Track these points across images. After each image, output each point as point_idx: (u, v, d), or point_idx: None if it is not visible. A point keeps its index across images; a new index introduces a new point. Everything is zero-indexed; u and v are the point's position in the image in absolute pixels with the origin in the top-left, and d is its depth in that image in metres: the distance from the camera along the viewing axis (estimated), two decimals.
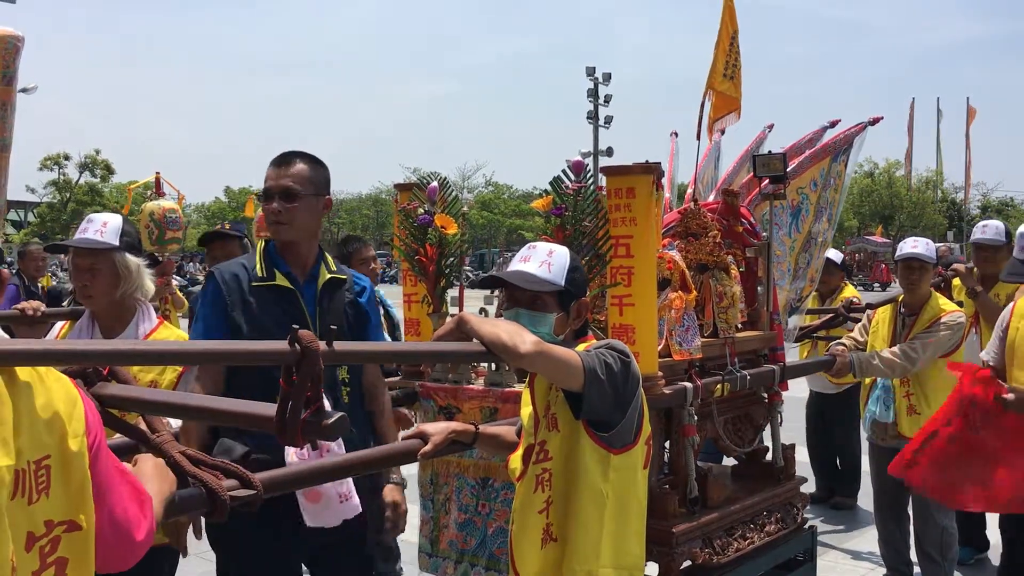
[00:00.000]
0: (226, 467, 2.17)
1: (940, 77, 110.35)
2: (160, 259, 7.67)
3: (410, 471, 4.34)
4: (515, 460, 2.50)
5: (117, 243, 3.07)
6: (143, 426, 2.22)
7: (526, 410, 2.50)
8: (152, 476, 1.84)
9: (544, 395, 2.43)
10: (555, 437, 2.41)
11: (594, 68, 40.17)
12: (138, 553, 1.67)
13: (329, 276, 3.11)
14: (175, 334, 3.24)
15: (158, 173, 8.29)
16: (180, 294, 7.22)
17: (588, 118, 40.49)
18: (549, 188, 3.52)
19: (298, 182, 3.03)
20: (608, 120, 40.71)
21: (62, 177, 46.65)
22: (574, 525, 2.36)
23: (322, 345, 1.85)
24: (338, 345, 1.91)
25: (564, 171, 3.51)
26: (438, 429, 2.66)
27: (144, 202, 6.91)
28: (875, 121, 5.11)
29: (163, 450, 2.13)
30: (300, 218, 3.04)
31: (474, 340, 2.30)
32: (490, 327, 2.26)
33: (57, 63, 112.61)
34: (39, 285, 7.80)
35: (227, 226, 5.15)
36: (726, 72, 4.56)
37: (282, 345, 1.81)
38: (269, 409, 1.86)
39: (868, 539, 5.79)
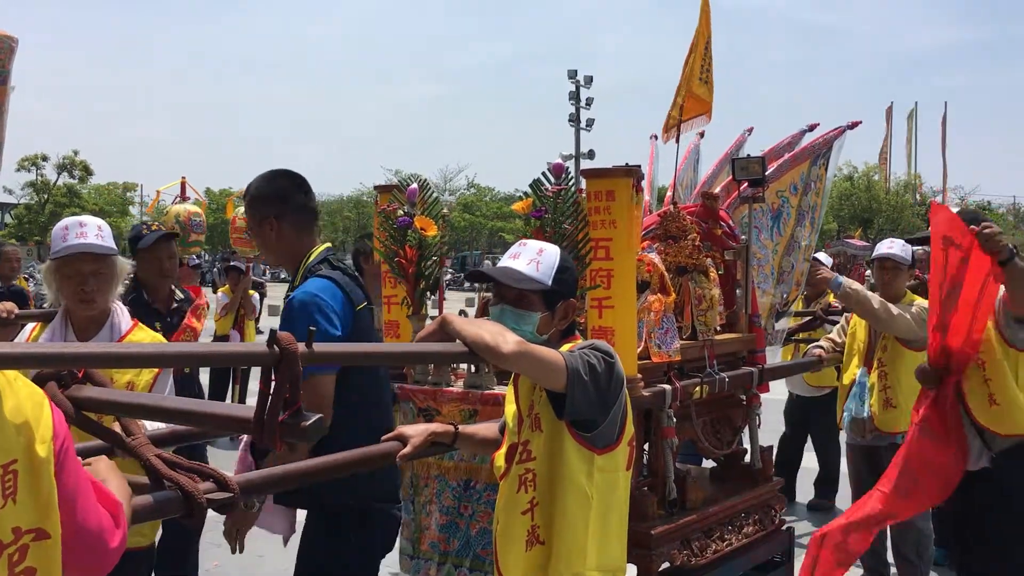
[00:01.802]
0: (202, 469, 2.16)
1: (919, 81, 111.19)
2: (182, 260, 7.74)
3: None
4: (499, 458, 2.50)
5: (116, 247, 3.09)
6: (119, 429, 2.21)
7: (510, 408, 2.50)
8: (109, 478, 1.81)
9: (528, 394, 2.42)
10: (538, 437, 2.40)
11: (576, 71, 40.19)
12: (112, 560, 1.66)
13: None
14: (150, 335, 3.21)
15: (184, 178, 8.40)
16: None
17: (570, 121, 40.53)
18: (529, 190, 3.53)
19: (248, 216, 3.17)
20: (590, 123, 40.75)
21: (40, 178, 46.24)
22: (560, 527, 2.34)
23: (301, 347, 1.85)
24: (317, 346, 1.90)
25: (544, 173, 3.52)
26: (417, 431, 2.65)
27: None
28: (854, 125, 5.15)
29: (138, 453, 2.12)
30: (260, 247, 3.17)
31: (457, 341, 2.29)
32: (473, 327, 2.25)
33: (35, 63, 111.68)
34: (12, 285, 7.75)
35: None
36: (701, 76, 4.58)
37: (261, 347, 1.81)
38: (247, 411, 1.85)
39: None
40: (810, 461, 7.10)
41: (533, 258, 2.48)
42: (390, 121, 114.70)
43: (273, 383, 1.83)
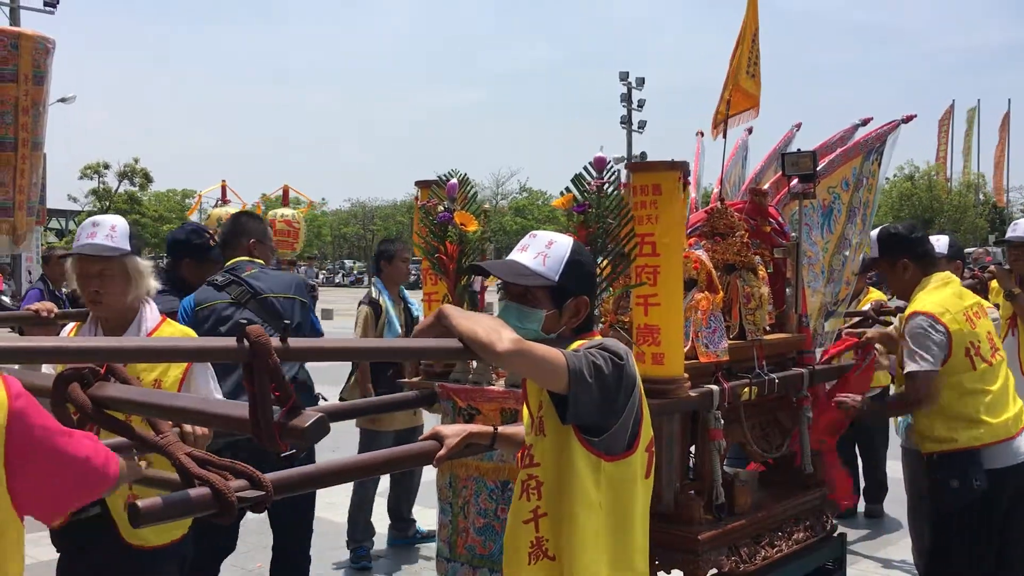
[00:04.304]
0: (234, 467, 2.12)
1: (981, 80, 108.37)
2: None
3: (429, 475, 4.28)
4: (518, 463, 2.42)
5: (128, 247, 3.01)
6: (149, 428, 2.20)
7: (525, 410, 2.40)
8: None
9: (536, 396, 2.29)
10: (541, 442, 2.27)
11: (627, 73, 40.00)
12: (108, 483, 1.91)
13: None
14: (180, 330, 3.19)
15: (224, 181, 8.49)
16: None
17: (622, 123, 40.32)
18: (570, 186, 3.44)
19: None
20: (642, 125, 40.52)
21: (102, 186, 47.32)
22: (570, 539, 2.20)
23: (275, 341, 1.77)
24: (294, 342, 1.83)
25: (586, 168, 3.43)
26: (454, 431, 2.57)
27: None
28: (908, 119, 4.98)
29: (168, 452, 2.09)
30: None
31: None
32: (468, 322, 2.10)
33: (96, 73, 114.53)
34: (63, 291, 7.86)
35: None
36: (748, 69, 4.47)
37: (230, 342, 1.75)
38: (246, 411, 1.79)
39: (901, 548, 5.65)
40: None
41: (541, 251, 2.33)
42: (442, 125, 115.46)
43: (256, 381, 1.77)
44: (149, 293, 3.10)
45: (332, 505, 6.77)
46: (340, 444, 5.53)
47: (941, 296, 4.02)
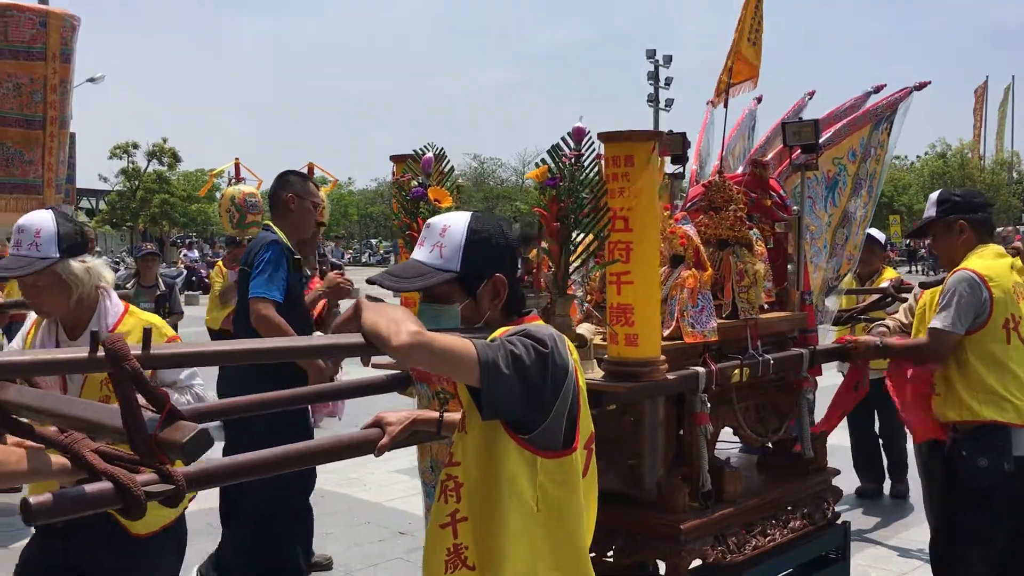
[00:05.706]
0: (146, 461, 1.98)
1: (1015, 56, 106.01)
2: (240, 241, 7.60)
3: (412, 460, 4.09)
4: None
5: (57, 254, 2.79)
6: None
7: None
8: None
9: (465, 391, 2.08)
10: (461, 439, 2.09)
11: (654, 50, 39.48)
12: None
13: None
14: (146, 318, 3.01)
15: (237, 159, 8.30)
16: None
17: (648, 101, 39.83)
18: (546, 157, 3.24)
19: None
20: (669, 103, 39.98)
21: (131, 165, 47.53)
22: (500, 545, 1.99)
23: (136, 350, 1.62)
24: (157, 347, 1.68)
25: (564, 138, 3.22)
26: (398, 418, 2.40)
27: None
28: (921, 86, 4.73)
29: (73, 450, 1.97)
30: None
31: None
32: (373, 315, 1.91)
33: (124, 53, 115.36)
34: None
35: None
36: (750, 37, 4.24)
37: (83, 353, 1.60)
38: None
39: (923, 531, 5.44)
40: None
41: (436, 242, 2.11)
42: (469, 106, 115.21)
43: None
44: (108, 282, 2.92)
45: (355, 481, 6.64)
46: None
47: (993, 263, 3.85)
